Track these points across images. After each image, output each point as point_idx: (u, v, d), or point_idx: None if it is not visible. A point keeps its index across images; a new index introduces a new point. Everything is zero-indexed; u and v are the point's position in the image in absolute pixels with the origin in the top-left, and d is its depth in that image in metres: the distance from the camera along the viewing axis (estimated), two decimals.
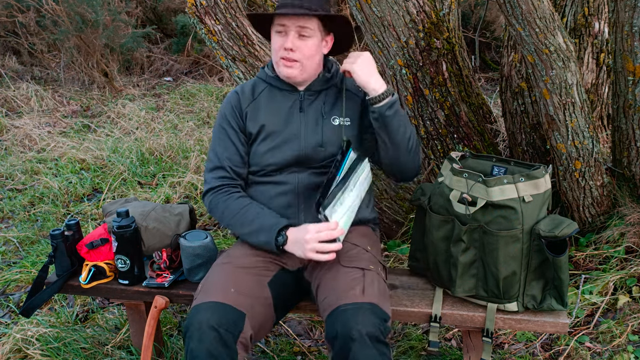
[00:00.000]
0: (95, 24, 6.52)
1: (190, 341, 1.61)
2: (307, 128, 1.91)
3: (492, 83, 6.58)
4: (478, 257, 1.87)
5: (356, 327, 1.58)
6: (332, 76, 1.97)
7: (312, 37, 1.84)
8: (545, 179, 1.81)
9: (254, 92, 1.98)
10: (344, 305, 1.65)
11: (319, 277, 1.84)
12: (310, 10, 1.81)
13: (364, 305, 1.65)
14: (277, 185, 1.91)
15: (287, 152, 1.90)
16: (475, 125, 2.88)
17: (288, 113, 1.93)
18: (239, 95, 1.98)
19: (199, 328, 1.61)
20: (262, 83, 1.99)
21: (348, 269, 1.80)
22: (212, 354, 1.59)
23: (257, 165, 1.94)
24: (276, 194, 1.91)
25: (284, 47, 1.84)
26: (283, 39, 1.84)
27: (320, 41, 1.88)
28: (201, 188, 3.95)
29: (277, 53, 1.86)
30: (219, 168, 1.94)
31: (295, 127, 1.91)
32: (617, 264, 2.55)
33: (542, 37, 2.20)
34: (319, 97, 1.95)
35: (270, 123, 1.92)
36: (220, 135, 1.97)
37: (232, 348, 1.62)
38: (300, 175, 1.91)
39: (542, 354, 2.31)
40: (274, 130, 1.91)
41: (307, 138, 1.90)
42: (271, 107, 1.94)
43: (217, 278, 1.81)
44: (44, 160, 4.69)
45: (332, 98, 1.96)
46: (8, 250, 3.38)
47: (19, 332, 2.44)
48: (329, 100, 1.95)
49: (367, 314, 1.62)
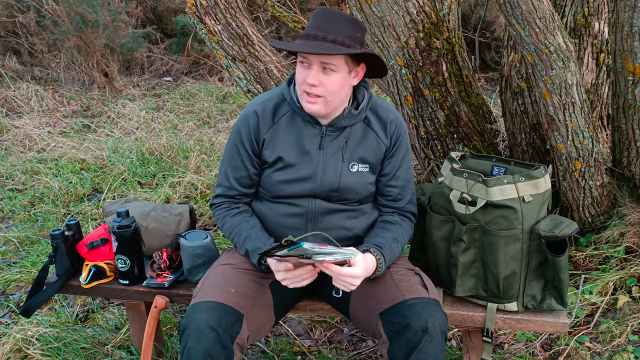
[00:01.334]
0: (96, 24, 6.52)
1: (188, 339, 1.61)
2: (324, 170, 1.81)
3: (492, 83, 6.58)
4: (478, 257, 1.87)
5: (430, 320, 1.60)
6: (359, 112, 1.82)
7: (337, 72, 1.69)
8: (545, 179, 1.81)
9: (274, 115, 1.83)
10: (413, 299, 1.67)
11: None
12: (334, 46, 1.65)
13: (431, 301, 1.68)
14: (290, 207, 1.85)
15: (302, 186, 1.82)
16: (475, 125, 2.88)
17: (307, 147, 1.81)
18: (259, 118, 1.82)
19: (198, 327, 1.60)
20: (286, 106, 1.84)
21: (397, 270, 1.82)
22: (210, 354, 1.59)
23: (269, 192, 1.87)
24: (287, 214, 1.85)
25: (306, 82, 1.70)
26: (306, 72, 1.70)
27: (348, 74, 1.72)
28: (201, 188, 3.95)
29: (300, 86, 1.74)
30: (227, 187, 1.90)
31: (312, 167, 1.81)
32: (617, 264, 2.55)
33: (542, 37, 2.20)
34: (342, 134, 1.82)
35: (287, 155, 1.81)
36: (233, 154, 1.87)
37: (229, 349, 1.62)
38: (314, 201, 1.84)
39: (542, 354, 2.31)
40: (290, 163, 1.81)
41: (322, 180, 1.81)
42: (290, 137, 1.82)
43: (217, 278, 1.80)
44: (44, 160, 4.69)
45: (357, 136, 1.83)
46: (8, 250, 3.38)
47: (19, 332, 2.44)
48: (353, 138, 1.83)
49: (437, 309, 1.65)
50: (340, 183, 1.81)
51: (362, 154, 1.83)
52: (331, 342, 2.52)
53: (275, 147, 1.82)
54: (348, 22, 1.69)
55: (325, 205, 1.84)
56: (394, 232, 1.84)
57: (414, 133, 2.87)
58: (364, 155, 1.83)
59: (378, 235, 1.83)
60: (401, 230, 1.86)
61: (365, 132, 1.84)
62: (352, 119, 1.81)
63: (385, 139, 1.84)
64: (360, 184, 1.83)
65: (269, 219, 1.88)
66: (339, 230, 1.85)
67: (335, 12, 1.71)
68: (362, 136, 1.83)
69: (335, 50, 1.64)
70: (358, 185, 1.83)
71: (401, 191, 1.89)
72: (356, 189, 1.83)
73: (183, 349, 1.62)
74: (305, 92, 1.73)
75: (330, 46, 1.65)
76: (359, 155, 1.83)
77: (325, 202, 1.84)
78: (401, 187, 1.89)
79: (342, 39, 1.66)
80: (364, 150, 1.83)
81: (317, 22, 1.70)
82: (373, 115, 1.85)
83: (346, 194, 1.83)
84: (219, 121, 5.69)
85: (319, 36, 1.67)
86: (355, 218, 1.88)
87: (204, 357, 1.58)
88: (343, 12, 1.72)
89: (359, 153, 1.83)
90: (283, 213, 1.86)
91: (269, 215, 1.88)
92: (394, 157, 1.86)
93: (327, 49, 1.64)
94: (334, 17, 1.69)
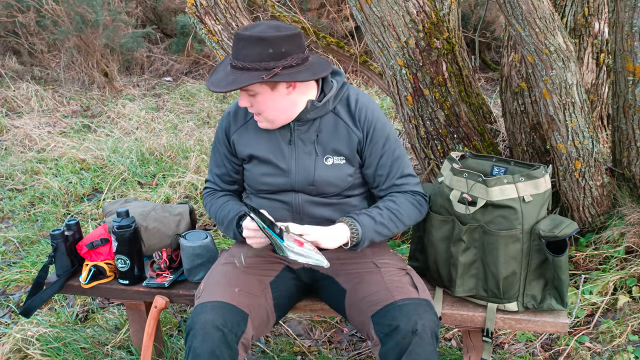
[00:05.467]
0: (95, 24, 6.52)
1: (194, 340, 1.61)
2: (297, 164, 1.82)
3: (492, 83, 6.59)
4: (478, 257, 1.87)
5: (420, 321, 1.60)
6: (324, 104, 1.79)
7: (260, 94, 1.71)
8: (545, 179, 1.81)
9: (247, 114, 1.88)
10: (402, 300, 1.66)
11: (354, 276, 1.82)
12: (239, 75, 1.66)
13: (422, 301, 1.67)
14: (275, 202, 1.88)
15: (280, 181, 1.84)
16: (475, 125, 2.88)
17: (277, 144, 1.83)
18: (231, 118, 1.91)
19: (203, 327, 1.61)
20: None
21: (389, 269, 1.81)
22: (215, 354, 1.59)
23: (252, 187, 1.92)
24: (274, 208, 1.86)
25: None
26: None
27: (272, 91, 1.71)
28: (201, 188, 3.95)
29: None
30: (212, 182, 2.01)
31: (285, 162, 1.82)
32: (617, 264, 2.55)
33: (542, 37, 2.20)
34: (312, 127, 1.82)
35: (259, 152, 1.84)
36: (216, 153, 1.97)
37: (234, 349, 1.62)
38: (297, 195, 1.85)
39: (542, 354, 2.31)
40: (264, 159, 1.84)
41: (297, 175, 1.82)
42: (260, 134, 1.85)
43: (220, 278, 1.81)
44: (44, 160, 4.69)
45: (328, 128, 1.82)
46: (8, 250, 3.38)
47: (19, 332, 2.44)
48: (324, 130, 1.81)
49: (427, 310, 1.64)
50: (315, 177, 1.81)
51: (335, 146, 1.81)
52: (331, 342, 2.52)
53: (246, 145, 1.87)
54: (254, 42, 1.64)
55: (308, 198, 1.85)
56: (382, 203, 1.82)
57: (414, 133, 2.87)
58: (337, 147, 1.81)
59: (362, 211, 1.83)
60: (392, 200, 1.82)
61: (336, 124, 1.82)
62: (317, 112, 1.79)
63: (356, 129, 1.81)
64: (337, 176, 1.82)
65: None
66: (325, 222, 1.84)
67: (244, 35, 1.66)
68: (333, 128, 1.81)
69: (232, 85, 1.65)
70: (335, 178, 1.82)
71: (388, 176, 1.85)
72: (333, 181, 1.82)
73: (189, 349, 1.62)
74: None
75: (235, 77, 1.67)
76: (332, 147, 1.81)
77: (307, 196, 1.85)
78: (387, 173, 1.85)
79: (248, 64, 1.65)
80: (337, 142, 1.81)
81: (233, 49, 1.71)
82: (343, 106, 1.83)
83: (323, 188, 1.83)
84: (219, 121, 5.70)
85: (233, 64, 1.69)
86: (341, 210, 1.86)
87: (210, 358, 1.58)
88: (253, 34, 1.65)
89: (332, 145, 1.81)
90: (270, 207, 1.87)
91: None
92: (372, 147, 1.82)
93: (229, 84, 1.66)
94: (243, 41, 1.66)
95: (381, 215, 1.79)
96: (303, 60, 1.70)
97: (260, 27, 1.68)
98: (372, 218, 1.78)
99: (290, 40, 1.67)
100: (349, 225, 1.75)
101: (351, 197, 1.88)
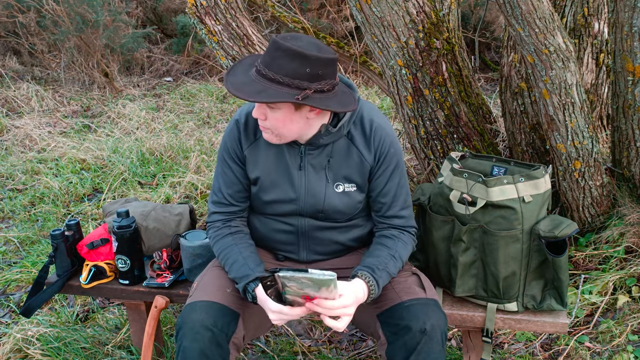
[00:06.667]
0: (96, 25, 6.52)
1: (184, 339, 1.61)
2: (306, 191, 1.75)
3: (492, 83, 6.59)
4: (478, 257, 1.87)
5: (429, 321, 1.59)
6: (338, 129, 1.69)
7: (281, 110, 1.59)
8: (545, 179, 1.82)
9: (256, 130, 1.75)
10: (410, 301, 1.65)
11: None
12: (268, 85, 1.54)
13: (429, 301, 1.67)
14: (280, 223, 1.82)
15: (287, 208, 1.77)
16: (475, 126, 2.88)
17: (287, 168, 1.74)
18: (240, 130, 1.76)
19: (193, 327, 1.60)
20: None
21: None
22: (205, 354, 1.58)
23: (257, 208, 1.83)
24: (278, 230, 1.82)
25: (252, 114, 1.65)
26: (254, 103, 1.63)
27: (294, 111, 1.60)
28: (201, 188, 3.96)
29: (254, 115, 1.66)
30: (223, 204, 1.83)
31: (294, 190, 1.75)
32: (616, 264, 2.55)
33: (542, 38, 2.20)
34: (324, 152, 1.73)
35: (267, 175, 1.75)
36: (224, 169, 1.80)
37: (224, 348, 1.62)
38: (303, 219, 1.80)
39: (541, 354, 2.31)
40: (271, 184, 1.75)
41: (305, 201, 1.75)
42: (271, 156, 1.75)
43: (213, 278, 1.80)
44: (44, 160, 4.69)
45: (340, 153, 1.73)
46: (8, 250, 3.38)
47: (19, 332, 2.44)
48: (336, 156, 1.73)
49: (435, 310, 1.64)
50: (325, 204, 1.75)
51: (347, 173, 1.74)
52: (331, 342, 2.53)
53: (255, 165, 1.76)
54: (293, 56, 1.52)
55: (315, 223, 1.80)
56: (391, 249, 1.74)
57: (414, 133, 2.88)
58: (349, 174, 1.74)
59: (372, 254, 1.74)
60: (400, 245, 1.77)
61: (349, 150, 1.73)
62: (331, 137, 1.70)
63: (369, 155, 1.73)
64: (347, 204, 1.76)
65: (261, 233, 1.86)
66: (331, 244, 1.84)
67: (284, 46, 1.53)
68: (345, 154, 1.73)
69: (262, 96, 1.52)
70: (345, 206, 1.76)
71: (391, 206, 1.79)
72: (343, 209, 1.76)
73: (179, 348, 1.62)
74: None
75: (265, 87, 1.54)
76: (344, 175, 1.74)
77: (314, 220, 1.80)
78: (390, 202, 1.78)
79: (281, 77, 1.53)
80: (348, 169, 1.74)
81: (265, 55, 1.57)
82: (357, 128, 1.74)
83: (332, 215, 1.77)
84: (219, 121, 5.70)
85: (261, 71, 1.56)
86: (347, 232, 1.84)
87: (200, 357, 1.58)
88: (294, 47, 1.52)
89: (344, 172, 1.74)
90: (274, 228, 1.82)
91: (261, 230, 1.86)
92: (381, 174, 1.76)
93: (256, 93, 1.53)
94: (281, 51, 1.53)
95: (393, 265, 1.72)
96: (333, 87, 1.61)
97: (302, 42, 1.55)
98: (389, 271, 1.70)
99: (329, 64, 1.57)
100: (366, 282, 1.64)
101: (357, 219, 1.85)
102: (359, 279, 1.64)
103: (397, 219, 1.80)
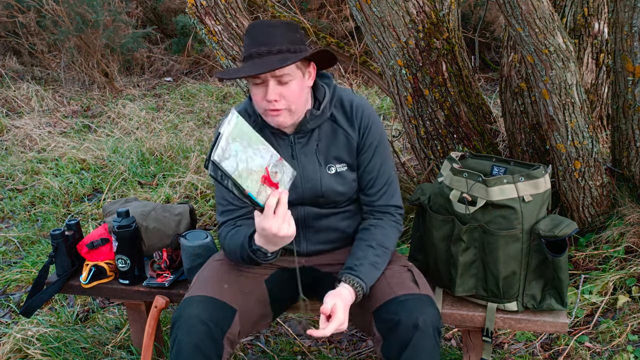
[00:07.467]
0: (96, 25, 6.52)
1: (179, 332, 1.62)
2: (303, 177, 1.78)
3: (492, 83, 6.59)
4: (478, 257, 1.87)
5: (422, 316, 1.60)
6: (322, 111, 1.76)
7: (294, 79, 1.65)
8: (545, 179, 1.82)
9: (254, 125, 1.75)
10: (404, 296, 1.66)
11: None
12: (283, 56, 1.60)
13: (422, 296, 1.67)
14: None
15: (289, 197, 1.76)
16: (475, 125, 2.88)
17: None
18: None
19: (188, 321, 1.62)
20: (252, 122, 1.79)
21: (390, 266, 1.80)
22: (199, 348, 1.59)
23: None
24: None
25: (266, 99, 1.65)
26: (263, 90, 1.65)
27: (302, 77, 1.68)
28: (201, 188, 3.96)
29: (261, 105, 1.68)
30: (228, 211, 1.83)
31: None
32: (616, 264, 2.55)
33: (542, 38, 2.20)
34: (312, 138, 1.79)
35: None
36: None
37: (219, 343, 1.63)
38: (303, 208, 1.82)
39: (541, 354, 2.31)
40: None
41: (304, 188, 1.79)
42: None
43: (211, 273, 1.81)
44: (44, 160, 4.69)
45: (327, 136, 1.79)
46: (8, 250, 3.38)
47: (19, 332, 2.44)
48: (323, 139, 1.79)
49: (428, 305, 1.65)
50: (322, 187, 1.78)
51: (336, 153, 1.79)
52: (331, 342, 2.53)
53: None
54: (285, 27, 1.64)
55: (316, 211, 1.82)
56: (367, 240, 1.78)
57: (413, 133, 2.88)
58: (339, 155, 1.79)
59: (351, 254, 1.76)
60: (377, 232, 1.79)
61: (334, 131, 1.79)
62: (316, 120, 1.76)
63: (354, 132, 1.78)
64: (343, 183, 1.80)
65: None
66: (330, 232, 1.85)
67: (268, 22, 1.65)
68: (332, 135, 1.79)
69: (286, 60, 1.58)
70: (341, 185, 1.80)
71: (374, 184, 1.82)
72: (340, 190, 1.80)
73: (173, 341, 1.63)
74: (267, 110, 1.68)
75: (280, 58, 1.61)
76: (334, 155, 1.79)
77: (314, 208, 1.82)
78: (375, 178, 1.82)
79: (287, 46, 1.62)
80: (337, 149, 1.79)
81: (256, 38, 1.64)
82: (339, 110, 1.80)
83: (333, 197, 1.80)
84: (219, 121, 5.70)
85: (263, 52, 1.62)
86: (348, 219, 1.87)
87: (194, 351, 1.59)
88: (275, 20, 1.63)
89: (333, 153, 1.79)
90: None
91: None
92: (366, 149, 1.80)
93: (279, 61, 1.58)
94: (270, 27, 1.63)
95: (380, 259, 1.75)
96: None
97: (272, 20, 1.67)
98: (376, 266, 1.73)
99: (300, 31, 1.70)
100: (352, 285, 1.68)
101: (352, 204, 1.87)
102: (342, 282, 1.69)
103: (380, 198, 1.83)
